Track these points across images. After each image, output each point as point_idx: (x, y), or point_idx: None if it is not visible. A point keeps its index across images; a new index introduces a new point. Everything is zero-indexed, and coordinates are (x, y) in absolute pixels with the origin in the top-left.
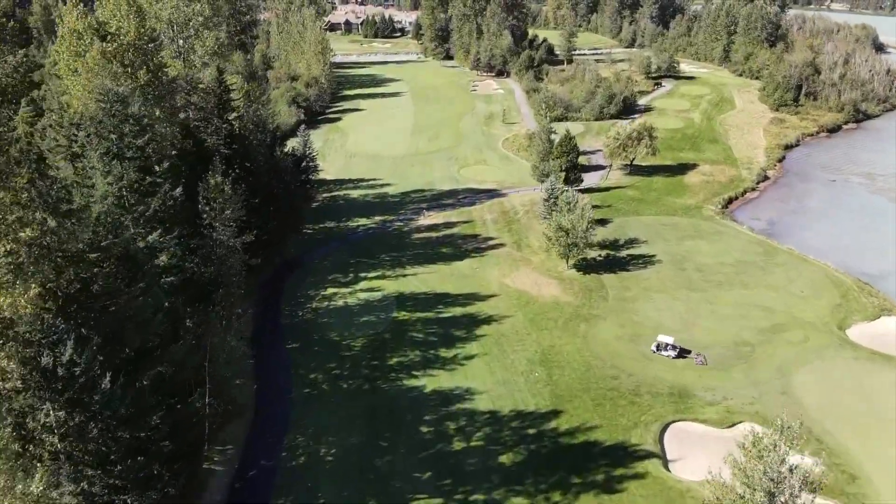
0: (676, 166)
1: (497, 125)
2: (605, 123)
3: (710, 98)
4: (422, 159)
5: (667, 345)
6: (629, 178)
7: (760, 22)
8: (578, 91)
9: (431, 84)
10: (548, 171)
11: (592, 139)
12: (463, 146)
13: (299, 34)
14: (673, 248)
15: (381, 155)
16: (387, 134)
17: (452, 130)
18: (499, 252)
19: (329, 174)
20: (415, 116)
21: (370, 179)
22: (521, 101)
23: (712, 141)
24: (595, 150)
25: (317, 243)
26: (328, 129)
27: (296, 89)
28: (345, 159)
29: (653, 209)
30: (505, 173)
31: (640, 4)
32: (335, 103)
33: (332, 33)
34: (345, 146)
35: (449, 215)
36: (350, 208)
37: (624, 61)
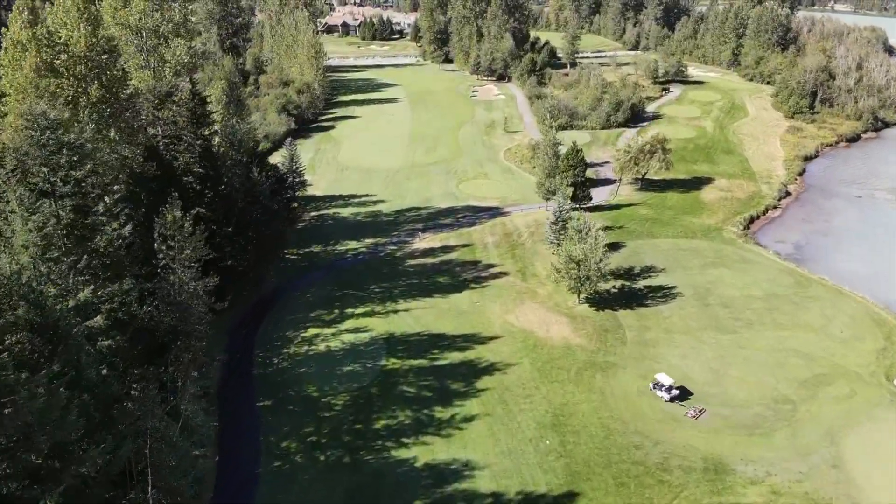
0: (691, 181)
1: (498, 134)
2: (612, 132)
3: (722, 105)
4: (418, 172)
5: (662, 385)
6: (641, 193)
7: (771, 25)
8: (584, 97)
9: (430, 89)
10: (554, 188)
11: (599, 149)
12: (462, 158)
13: (292, 37)
14: (695, 277)
15: (375, 168)
16: (382, 144)
17: (451, 140)
18: (501, 282)
19: (318, 189)
20: (412, 125)
21: (362, 195)
22: (524, 107)
23: (727, 152)
24: (603, 163)
25: (300, 272)
26: (320, 139)
27: (286, 96)
28: (336, 172)
29: (669, 231)
30: (507, 188)
31: (644, 6)
32: (329, 110)
33: (328, 35)
34: (337, 158)
35: (447, 238)
36: (339, 229)
37: (629, 65)
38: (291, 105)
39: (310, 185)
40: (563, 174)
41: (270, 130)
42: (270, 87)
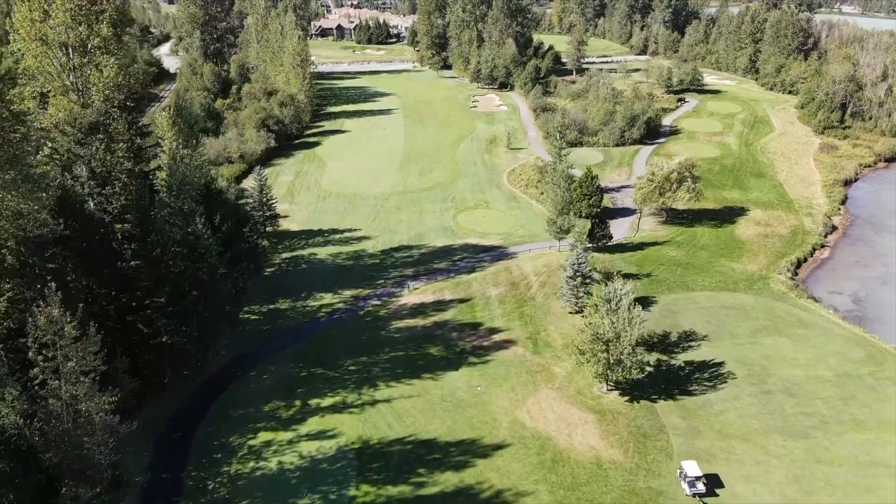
0: (722, 211)
1: (501, 152)
2: (627, 150)
3: (744, 118)
4: (411, 200)
5: (689, 477)
6: (666, 228)
7: (791, 29)
8: (594, 110)
9: (426, 99)
10: (567, 227)
11: (614, 171)
12: (461, 181)
13: (278, 43)
14: (745, 349)
15: (361, 194)
16: (371, 164)
17: (449, 159)
18: (508, 355)
19: (295, 222)
20: (405, 141)
21: (345, 231)
22: (528, 119)
23: (758, 175)
24: (619, 187)
25: (261, 338)
26: (303, 158)
27: (266, 110)
28: (317, 200)
29: (706, 280)
30: (512, 221)
31: (651, 8)
32: (316, 123)
33: (323, 39)
34: (319, 182)
35: (441, 288)
36: (314, 277)
37: (639, 71)
38: (272, 120)
39: (284, 218)
40: (577, 204)
41: (247, 149)
42: (253, 97)
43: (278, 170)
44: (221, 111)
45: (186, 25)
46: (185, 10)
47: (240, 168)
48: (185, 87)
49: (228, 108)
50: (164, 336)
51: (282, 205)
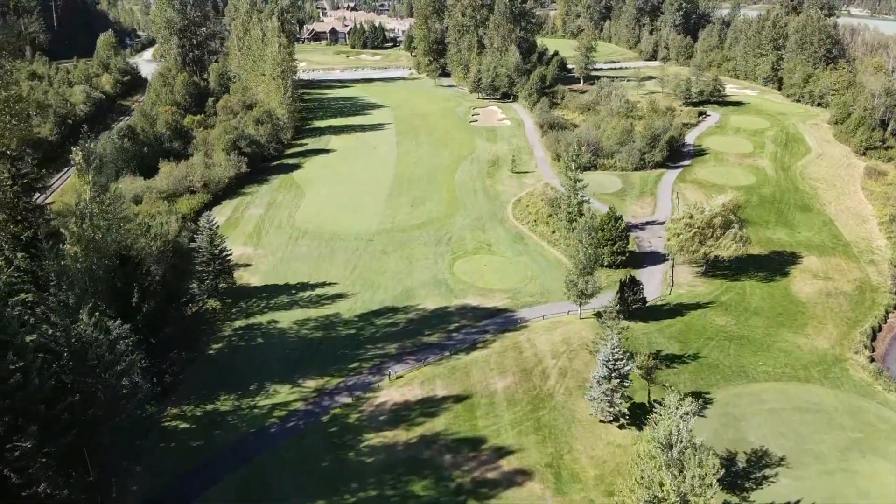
0: (770, 258)
1: (504, 176)
2: (648, 175)
3: (775, 135)
4: (399, 242)
5: None
6: (706, 282)
7: (817, 36)
8: (608, 127)
9: (422, 112)
10: (592, 291)
11: (636, 202)
12: (459, 216)
13: (259, 51)
14: (837, 482)
15: (341, 233)
16: (356, 194)
17: (445, 188)
18: (521, 497)
19: (257, 274)
20: (397, 163)
21: (317, 286)
22: (533, 137)
23: (803, 208)
24: (644, 223)
25: (186, 466)
26: (279, 185)
27: (238, 129)
28: (288, 243)
29: (768, 362)
30: (520, 271)
31: (660, 11)
32: (299, 140)
33: (316, 43)
34: (293, 217)
35: (432, 377)
36: (271, 357)
37: (652, 79)
38: (245, 141)
39: (245, 267)
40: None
41: (214, 176)
42: (229, 112)
43: (248, 201)
44: (191, 129)
45: (163, 31)
46: (162, 14)
47: (203, 199)
48: (152, 100)
49: (199, 126)
50: (42, 485)
51: (244, 249)
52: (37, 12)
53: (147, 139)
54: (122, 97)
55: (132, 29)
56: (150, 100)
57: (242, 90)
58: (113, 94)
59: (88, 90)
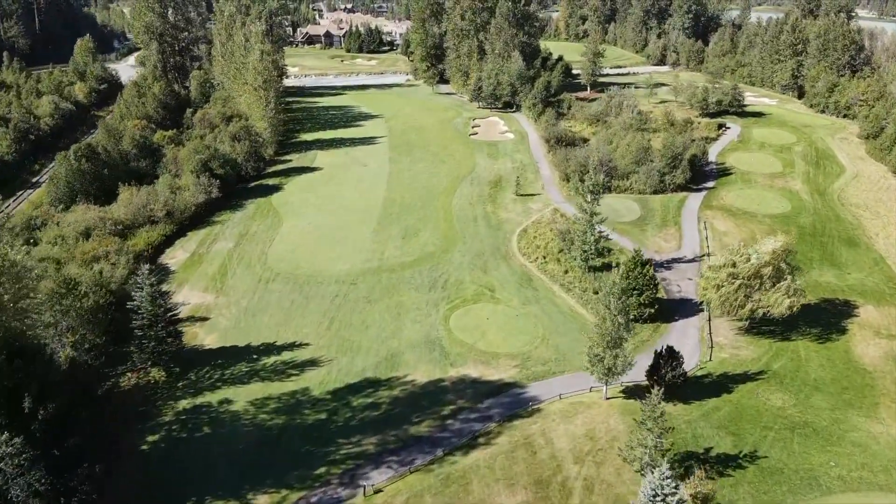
0: (822, 308)
1: (507, 199)
2: (669, 199)
3: (803, 151)
4: (386, 286)
5: None
6: (751, 342)
7: (840, 42)
8: (622, 144)
9: (418, 123)
10: (622, 367)
11: (658, 233)
12: (456, 251)
13: (241, 59)
14: None
15: (319, 275)
16: (340, 223)
17: (441, 214)
18: None
19: (215, 331)
20: (388, 185)
21: (284, 349)
22: (539, 152)
23: (848, 242)
24: (670, 261)
25: None
26: (254, 212)
27: (210, 149)
28: (256, 287)
29: (840, 462)
30: (529, 327)
31: (668, 13)
32: (283, 156)
33: (310, 47)
34: (266, 254)
35: (419, 492)
36: (216, 456)
37: (664, 87)
38: (217, 161)
39: (202, 322)
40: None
41: (179, 202)
42: (207, 125)
43: (217, 232)
44: (161, 145)
45: (142, 36)
46: (140, 18)
47: (165, 231)
48: (121, 113)
49: (170, 142)
50: None
51: (204, 297)
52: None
53: (110, 159)
54: (97, 107)
55: (122, 32)
56: (120, 112)
57: (223, 101)
58: (87, 104)
59: (57, 101)
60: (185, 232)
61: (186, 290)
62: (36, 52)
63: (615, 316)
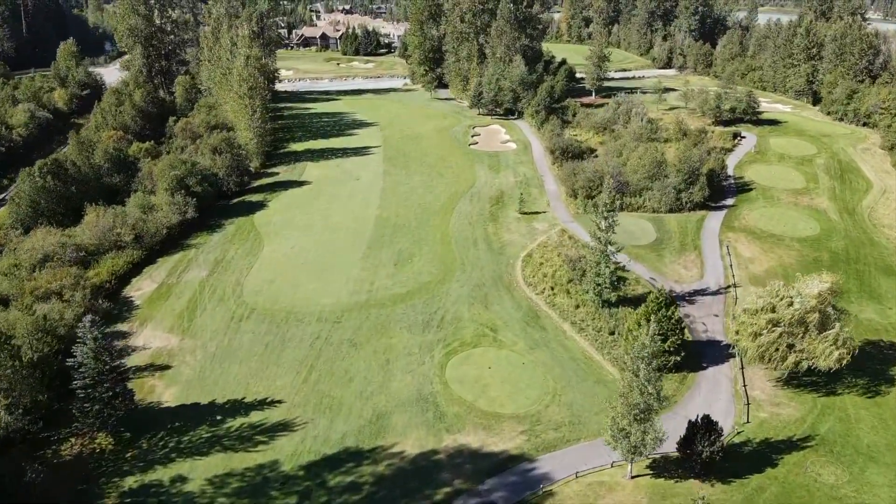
0: (866, 354)
1: (510, 218)
2: (686, 219)
3: (826, 164)
4: (374, 325)
5: None
6: (791, 397)
7: (858, 46)
8: (633, 157)
9: (415, 132)
10: (653, 443)
11: (676, 259)
12: (454, 280)
13: (228, 63)
14: None
15: (300, 311)
16: (327, 247)
17: (438, 236)
18: None
19: (175, 385)
20: (381, 201)
21: (252, 408)
22: (543, 164)
23: (886, 270)
24: (692, 293)
25: None
26: (233, 234)
27: (187, 164)
28: (227, 328)
29: None
30: (538, 380)
31: (674, 15)
32: (270, 168)
33: (305, 49)
34: (242, 284)
35: None
36: None
37: (672, 92)
38: (195, 177)
39: (163, 372)
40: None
41: (151, 224)
42: (189, 136)
43: (191, 258)
44: (137, 158)
45: (126, 40)
46: (124, 21)
47: (131, 258)
48: (97, 123)
49: (147, 154)
50: None
51: (168, 339)
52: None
53: (80, 174)
54: (79, 114)
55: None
56: (95, 122)
57: (208, 108)
58: (67, 112)
59: (34, 109)
60: (156, 258)
61: (149, 330)
62: (23, 55)
63: (644, 385)
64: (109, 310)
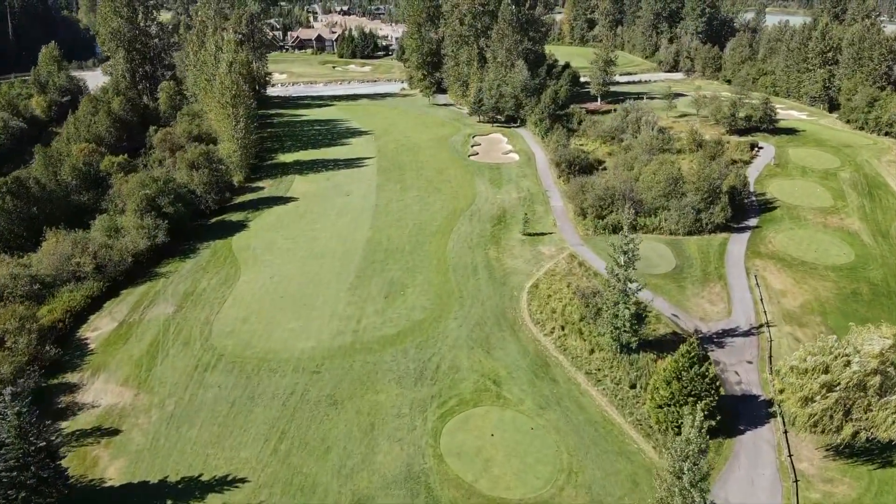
0: None
1: (514, 241)
2: (707, 243)
3: (851, 179)
4: (358, 377)
5: None
6: (843, 470)
7: (878, 50)
8: (647, 172)
9: (411, 142)
10: None
11: (700, 292)
12: (451, 320)
13: (212, 69)
14: None
15: (274, 358)
16: (310, 274)
17: (434, 262)
18: None
19: (121, 459)
20: (373, 221)
21: (209, 487)
22: (548, 177)
23: None
24: (720, 335)
25: None
26: (209, 259)
27: (158, 183)
28: (189, 380)
29: None
30: (549, 453)
31: (680, 16)
32: (255, 180)
33: (300, 52)
34: (212, 322)
35: None
36: None
37: (682, 96)
38: (167, 197)
39: (109, 439)
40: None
41: (113, 253)
42: (169, 148)
43: (157, 290)
44: (109, 174)
45: (108, 43)
46: (106, 23)
47: (90, 292)
48: (69, 134)
49: (120, 170)
50: None
51: (121, 394)
52: None
53: (45, 193)
54: (58, 122)
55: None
56: (67, 133)
57: (191, 117)
58: (45, 120)
59: (7, 118)
60: (120, 290)
61: (101, 382)
62: (9, 59)
63: (688, 491)
64: (59, 357)
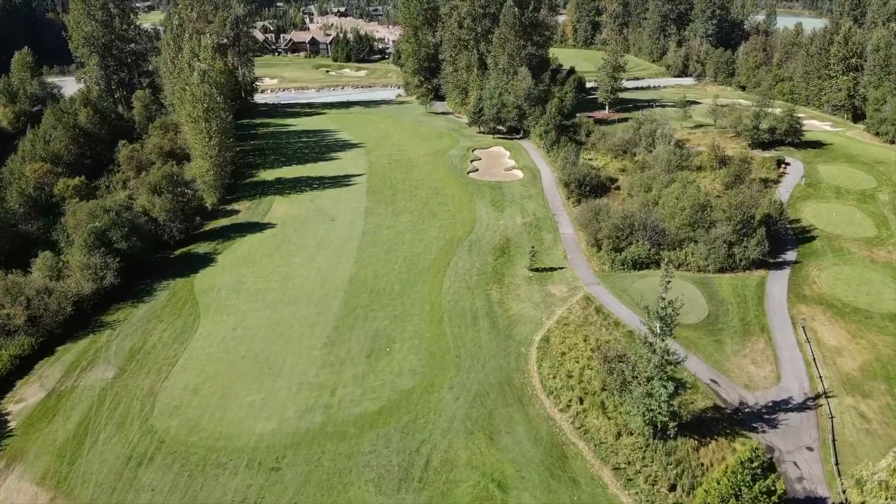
0: None
1: (519, 279)
2: (743, 283)
3: (891, 201)
4: (327, 475)
5: None
6: None
7: None
8: (670, 197)
9: (405, 156)
10: None
11: (740, 350)
12: (445, 390)
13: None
14: None
15: (224, 445)
16: (280, 326)
17: (426, 310)
18: None
19: None
20: (358, 255)
21: None
22: (556, 199)
23: None
24: (771, 408)
25: None
26: (165, 303)
27: (110, 214)
28: (117, 478)
29: None
30: None
31: (689, 19)
32: (231, 201)
33: (294, 55)
34: (156, 393)
35: None
36: None
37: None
38: (120, 230)
39: None
40: None
41: (51, 301)
42: (136, 166)
43: (100, 346)
44: (63, 198)
45: (81, 49)
46: (78, 28)
47: (19, 350)
48: (26, 152)
49: (75, 194)
50: None
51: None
52: None
53: None
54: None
55: None
56: (23, 152)
57: (164, 130)
58: (11, 132)
59: None
60: (54, 347)
61: (14, 478)
62: None
63: None
64: None
